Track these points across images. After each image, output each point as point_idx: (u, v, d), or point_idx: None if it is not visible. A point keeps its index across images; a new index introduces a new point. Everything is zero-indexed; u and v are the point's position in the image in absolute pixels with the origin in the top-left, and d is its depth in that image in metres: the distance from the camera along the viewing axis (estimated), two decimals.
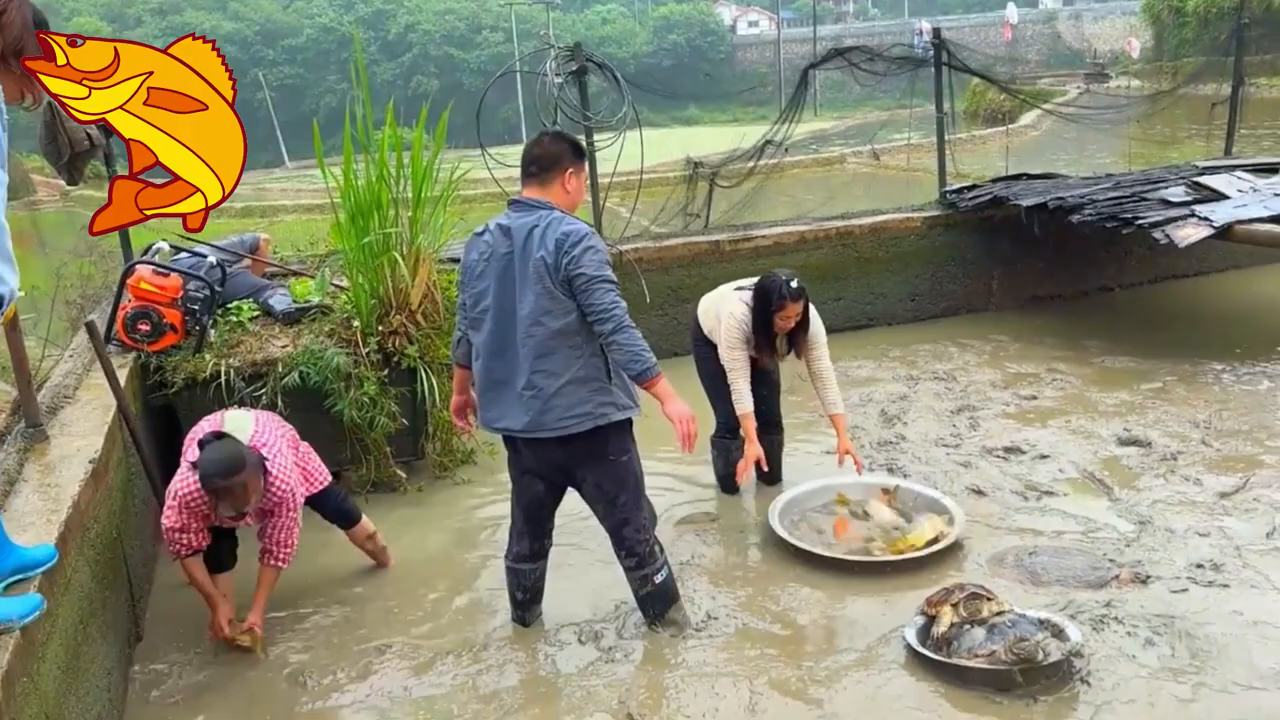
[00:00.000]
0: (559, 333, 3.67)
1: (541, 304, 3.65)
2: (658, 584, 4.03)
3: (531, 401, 3.72)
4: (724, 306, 4.92)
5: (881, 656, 3.86)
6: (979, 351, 7.37)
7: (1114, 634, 3.87)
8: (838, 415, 4.91)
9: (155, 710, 3.86)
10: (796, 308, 4.72)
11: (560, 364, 3.69)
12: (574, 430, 3.73)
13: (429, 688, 3.87)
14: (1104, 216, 6.93)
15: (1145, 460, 5.35)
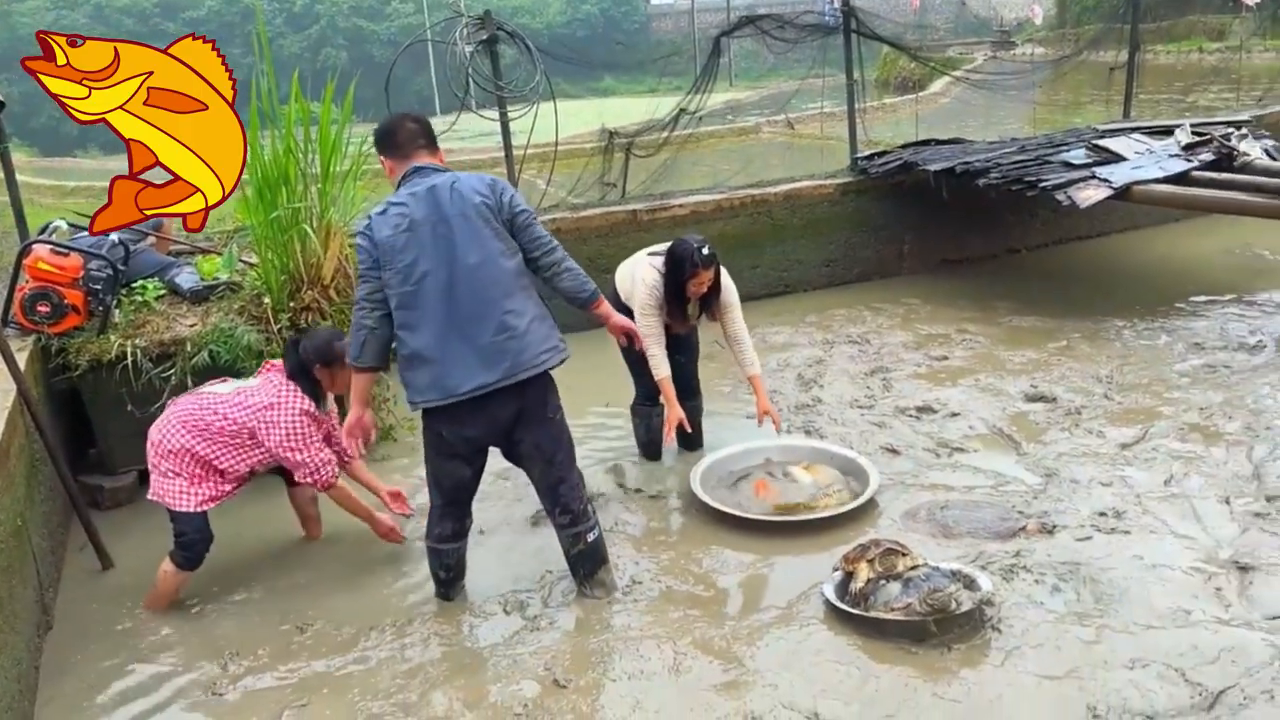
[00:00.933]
0: (515, 273, 3.77)
1: (495, 246, 3.72)
2: (589, 542, 4.06)
3: (508, 343, 3.70)
4: (637, 272, 4.93)
5: (801, 613, 3.94)
6: (892, 315, 7.51)
7: (1023, 582, 4.01)
8: (755, 376, 4.97)
9: (69, 698, 3.78)
10: (708, 274, 4.75)
11: (523, 303, 3.76)
12: (550, 364, 3.80)
13: (352, 665, 3.85)
14: (1009, 180, 7.09)
15: (1051, 415, 5.53)
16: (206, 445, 4.16)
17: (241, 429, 4.19)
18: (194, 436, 4.16)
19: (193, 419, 4.18)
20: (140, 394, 5.14)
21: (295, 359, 4.30)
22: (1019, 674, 3.48)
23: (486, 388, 3.73)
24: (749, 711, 3.37)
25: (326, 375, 4.32)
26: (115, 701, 3.75)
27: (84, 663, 3.99)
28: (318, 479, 4.28)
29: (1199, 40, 20.81)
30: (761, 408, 4.97)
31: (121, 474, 5.36)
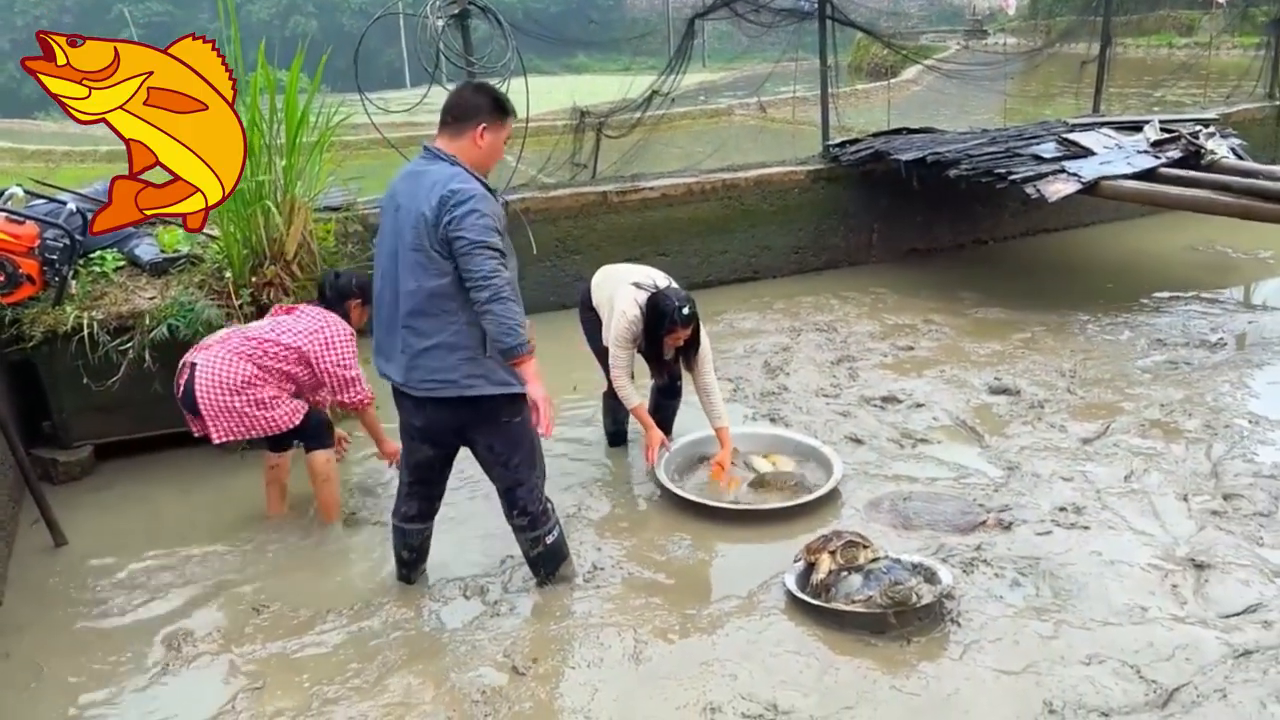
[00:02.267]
0: (431, 294, 3.51)
1: (416, 260, 3.51)
2: (549, 545, 4.01)
3: (401, 357, 3.64)
4: (618, 300, 4.80)
5: (762, 602, 3.94)
6: (859, 303, 7.52)
7: (983, 576, 4.03)
8: (724, 429, 4.86)
9: (12, 677, 3.71)
10: (686, 333, 4.69)
11: (430, 326, 3.54)
12: (436, 394, 3.62)
13: (309, 647, 3.81)
14: (979, 171, 7.11)
15: (1014, 408, 5.56)
16: (257, 369, 4.32)
17: (291, 353, 4.38)
18: (253, 363, 4.32)
19: (245, 349, 4.33)
20: (97, 367, 5.05)
21: (336, 290, 4.61)
22: (977, 668, 3.50)
23: (402, 386, 3.70)
24: (708, 702, 3.36)
25: (358, 310, 4.63)
26: (64, 683, 3.68)
27: (34, 642, 3.92)
28: (363, 396, 4.51)
29: (1169, 35, 20.97)
30: (723, 461, 4.81)
31: (76, 447, 5.26)
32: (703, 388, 4.86)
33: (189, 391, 4.29)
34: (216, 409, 4.28)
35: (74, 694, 3.63)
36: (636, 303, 4.76)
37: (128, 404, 5.18)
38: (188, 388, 4.29)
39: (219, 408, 4.28)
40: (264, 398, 4.31)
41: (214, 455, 4.81)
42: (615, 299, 4.85)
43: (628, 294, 4.80)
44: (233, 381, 4.28)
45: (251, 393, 4.30)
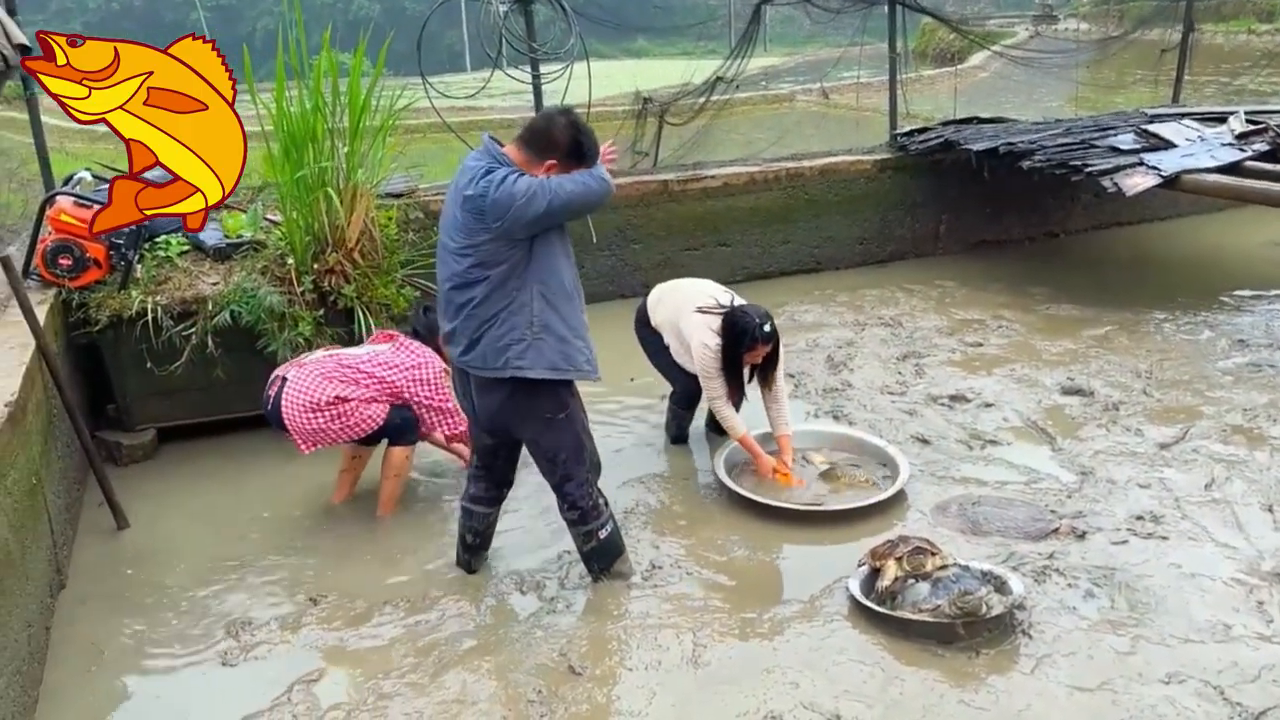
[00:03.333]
0: (485, 278, 3.49)
1: (470, 242, 3.49)
2: (602, 539, 3.95)
3: (462, 337, 3.63)
4: (691, 335, 4.70)
5: (825, 608, 3.84)
6: (925, 297, 7.34)
7: (1055, 586, 3.89)
8: (785, 437, 4.75)
9: (77, 661, 3.73)
10: (766, 349, 4.58)
11: (484, 310, 3.52)
12: (485, 375, 3.62)
13: (366, 640, 3.78)
14: (1054, 163, 6.89)
15: (1088, 410, 5.37)
16: (345, 390, 4.39)
17: (385, 387, 4.44)
18: (341, 382, 4.38)
19: (337, 374, 4.40)
20: (160, 351, 5.07)
21: (427, 328, 4.58)
22: (1049, 683, 3.37)
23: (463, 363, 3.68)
24: (769, 710, 3.27)
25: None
26: (124, 667, 3.70)
27: (95, 624, 3.94)
28: (459, 426, 4.57)
29: (1249, 21, 20.26)
30: (783, 468, 4.70)
31: (139, 431, 5.30)
32: (772, 395, 4.75)
33: (276, 406, 4.37)
34: (299, 427, 4.37)
35: (134, 678, 3.64)
36: (710, 329, 4.65)
37: (190, 388, 5.20)
38: (275, 402, 4.37)
39: (302, 427, 4.37)
40: (347, 411, 4.38)
41: (273, 440, 4.80)
42: (684, 331, 4.78)
43: (698, 323, 4.70)
44: (318, 402, 4.35)
45: (334, 410, 4.36)
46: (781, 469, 4.70)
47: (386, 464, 4.58)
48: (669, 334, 4.93)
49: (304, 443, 4.41)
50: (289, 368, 4.47)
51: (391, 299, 5.50)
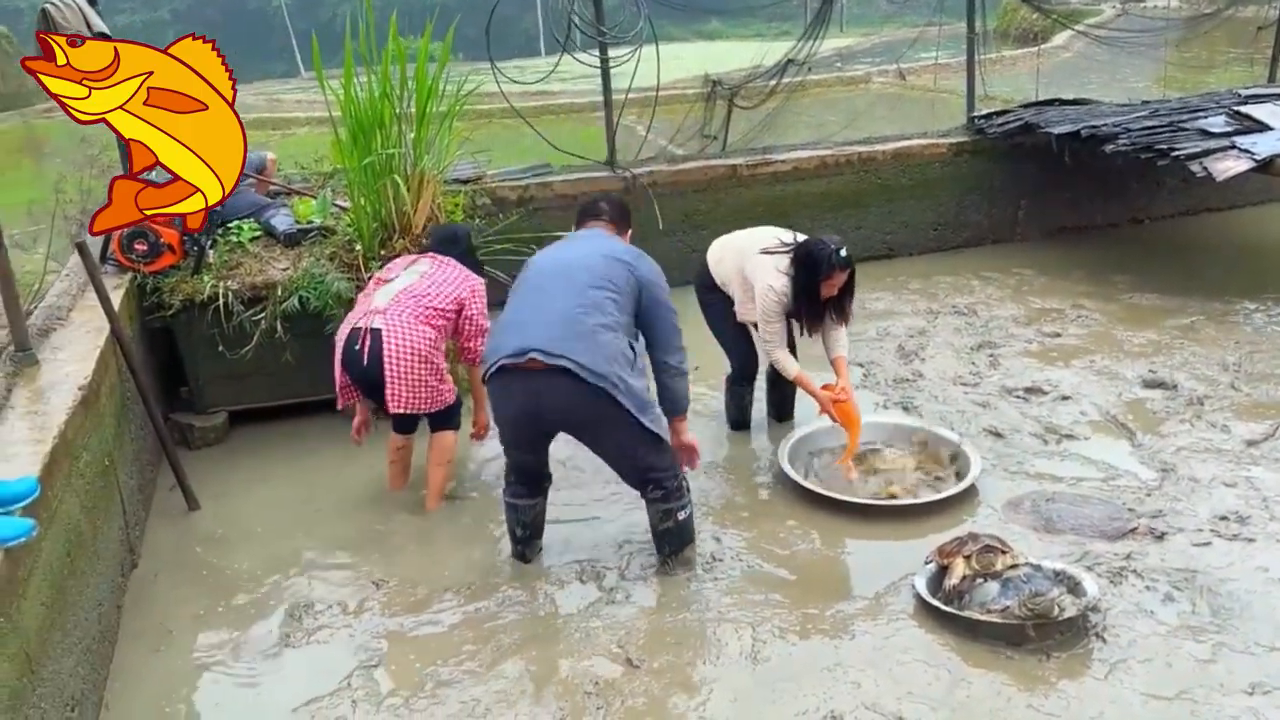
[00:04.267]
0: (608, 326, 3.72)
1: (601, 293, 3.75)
2: (680, 521, 3.95)
3: (546, 331, 3.65)
4: (756, 276, 4.62)
5: (890, 605, 3.75)
6: (1002, 285, 7.14)
7: (1132, 588, 3.75)
8: (841, 358, 4.66)
9: (146, 639, 3.80)
10: (844, 275, 4.49)
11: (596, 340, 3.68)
12: (578, 373, 3.60)
13: (425, 626, 3.79)
14: (1139, 147, 6.63)
15: (1171, 404, 5.17)
16: (436, 333, 4.37)
17: (453, 303, 4.43)
18: (432, 326, 4.35)
19: (420, 312, 4.34)
20: (231, 336, 5.14)
21: (467, 244, 4.78)
22: (1124, 690, 3.24)
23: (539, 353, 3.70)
24: (829, 710, 3.20)
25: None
26: (191, 647, 3.76)
27: (164, 604, 4.02)
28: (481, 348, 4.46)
29: None
30: (840, 388, 4.60)
31: (211, 413, 5.39)
32: (833, 329, 4.67)
33: (375, 357, 4.24)
34: (404, 377, 4.28)
35: (201, 659, 3.70)
36: (778, 271, 4.56)
37: (260, 372, 5.26)
38: (374, 354, 4.24)
39: (408, 377, 4.29)
40: (441, 369, 4.39)
41: (339, 425, 4.84)
42: (749, 274, 4.67)
43: (764, 265, 4.61)
44: (422, 348, 4.29)
45: (436, 361, 4.35)
46: (839, 396, 4.56)
47: (435, 450, 4.57)
48: (735, 286, 4.79)
49: (398, 400, 4.29)
50: (368, 317, 4.31)
51: None
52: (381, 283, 4.52)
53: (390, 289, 4.42)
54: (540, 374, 3.65)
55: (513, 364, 3.68)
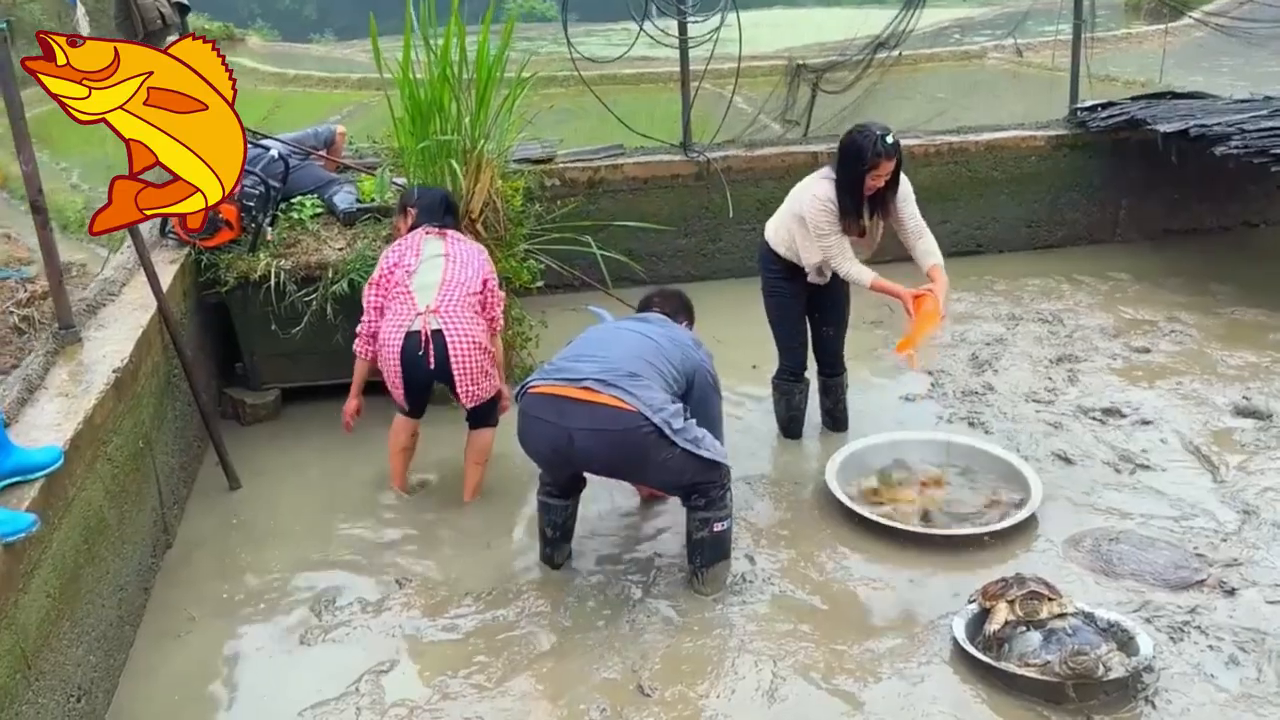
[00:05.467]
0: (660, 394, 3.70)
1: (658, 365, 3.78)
2: (716, 532, 3.81)
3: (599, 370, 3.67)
4: (803, 196, 4.45)
5: (924, 646, 3.53)
6: (1093, 290, 6.73)
7: (1193, 646, 3.45)
8: (936, 266, 4.38)
9: (171, 625, 3.82)
10: (890, 164, 4.21)
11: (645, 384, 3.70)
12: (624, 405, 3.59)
13: (442, 630, 3.72)
14: (1252, 151, 6.12)
15: (1263, 436, 4.78)
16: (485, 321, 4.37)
17: (481, 282, 4.39)
18: (480, 315, 4.34)
19: (467, 301, 4.29)
20: (284, 315, 5.13)
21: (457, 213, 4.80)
22: None
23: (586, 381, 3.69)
24: None
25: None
26: (210, 637, 3.75)
27: (193, 588, 4.03)
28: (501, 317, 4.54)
29: None
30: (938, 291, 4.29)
31: (264, 390, 5.41)
32: (913, 231, 4.42)
33: (442, 358, 4.19)
34: (472, 372, 4.26)
35: (217, 649, 3.69)
36: (823, 179, 4.38)
37: (311, 351, 5.24)
38: (440, 356, 4.19)
39: (476, 371, 4.26)
40: (495, 355, 4.42)
41: (386, 410, 4.76)
42: (799, 208, 4.50)
43: (810, 182, 4.46)
44: (483, 340, 4.28)
45: (492, 349, 4.38)
46: (929, 295, 4.27)
47: (474, 449, 4.49)
48: (794, 232, 4.57)
49: (469, 395, 4.27)
50: (426, 316, 4.20)
51: (514, 272, 5.40)
52: (400, 270, 4.35)
53: (426, 281, 4.29)
54: (585, 404, 3.60)
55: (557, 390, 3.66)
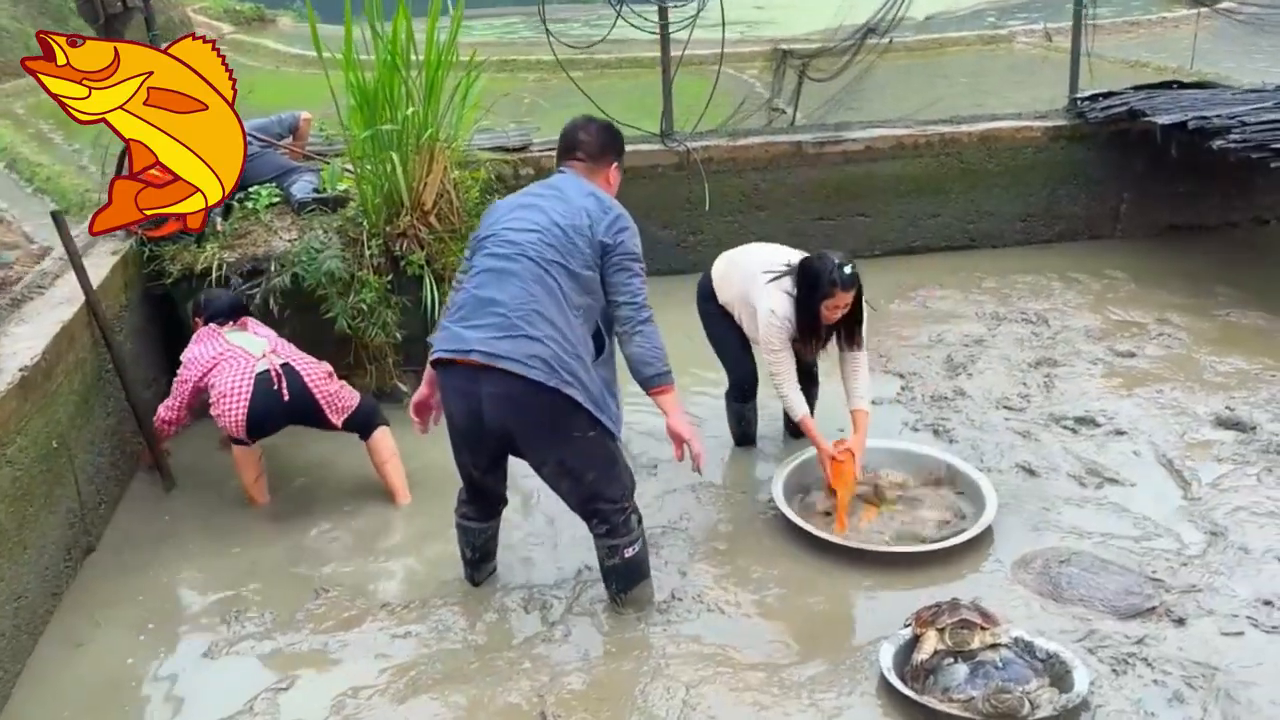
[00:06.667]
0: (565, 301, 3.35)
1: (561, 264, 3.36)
2: (627, 558, 3.58)
3: (494, 330, 3.30)
4: (759, 300, 4.23)
5: (851, 673, 3.33)
6: (1085, 290, 6.45)
7: (1136, 680, 3.24)
8: (862, 412, 4.22)
9: (75, 633, 3.70)
10: (848, 297, 4.04)
11: (549, 325, 3.31)
12: (526, 374, 3.25)
13: (349, 646, 3.57)
14: (1251, 145, 5.82)
15: (1243, 449, 4.52)
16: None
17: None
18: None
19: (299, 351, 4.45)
20: None
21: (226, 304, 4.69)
22: None
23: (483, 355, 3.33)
24: None
25: None
26: (112, 646, 3.63)
27: (105, 594, 3.92)
28: None
29: None
30: (856, 446, 4.14)
31: None
32: (853, 362, 4.24)
33: (298, 389, 4.21)
34: (330, 394, 4.31)
35: (117, 662, 3.56)
36: (782, 291, 4.17)
37: None
38: (295, 387, 4.20)
39: (332, 393, 4.32)
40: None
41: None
42: (752, 299, 4.29)
43: (766, 290, 4.22)
44: (324, 369, 4.36)
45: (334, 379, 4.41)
46: (840, 455, 4.10)
47: (377, 452, 4.39)
48: (739, 309, 4.44)
49: (335, 414, 4.30)
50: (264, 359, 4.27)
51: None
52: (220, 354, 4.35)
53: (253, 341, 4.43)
54: (481, 373, 3.32)
55: (453, 359, 3.38)
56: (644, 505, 4.18)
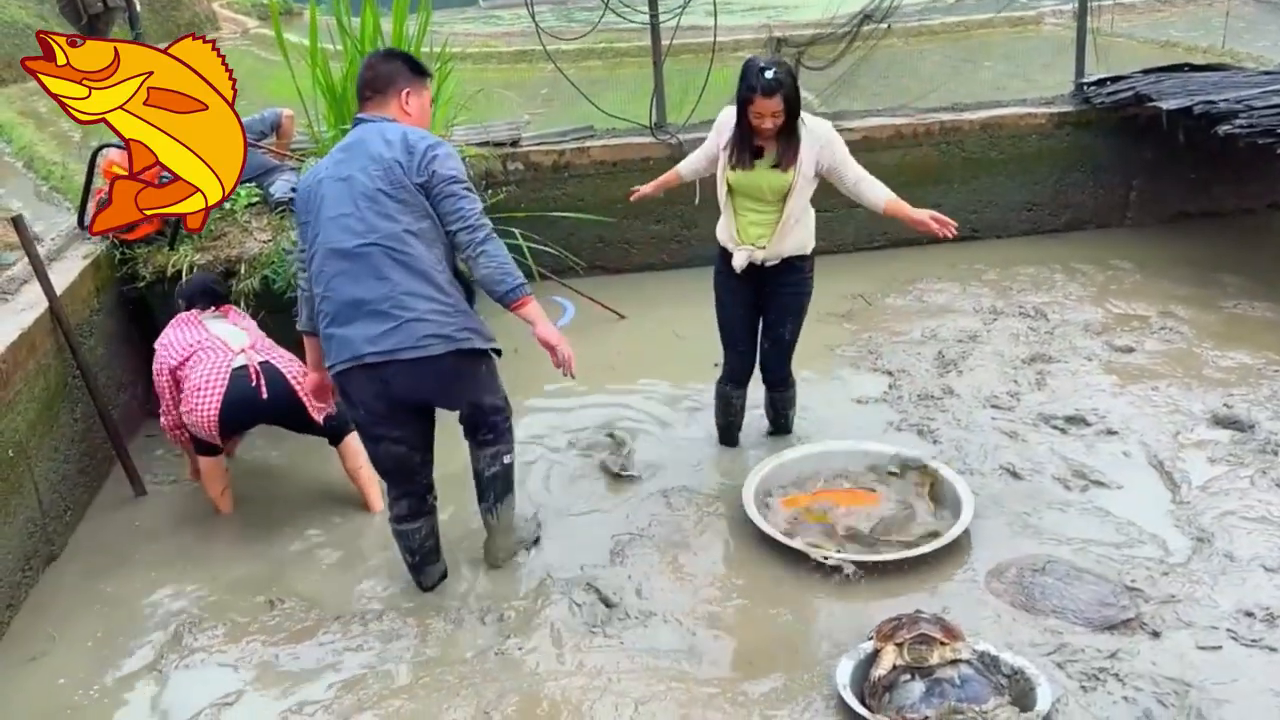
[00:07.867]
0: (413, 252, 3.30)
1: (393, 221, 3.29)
2: (506, 464, 3.73)
3: (378, 327, 3.30)
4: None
5: (808, 690, 3.22)
6: (1089, 281, 6.25)
7: (1105, 697, 3.10)
8: (891, 202, 4.18)
9: (29, 646, 3.65)
10: (771, 104, 3.78)
11: (415, 287, 3.30)
12: (429, 352, 3.32)
13: (299, 660, 3.50)
14: (1258, 130, 5.61)
15: (1238, 449, 4.34)
16: None
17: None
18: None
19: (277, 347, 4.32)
20: None
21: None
22: None
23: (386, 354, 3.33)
24: None
25: None
26: (64, 662, 3.58)
27: (62, 606, 3.88)
28: None
29: None
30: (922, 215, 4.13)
31: None
32: (852, 188, 4.20)
33: (280, 388, 4.09)
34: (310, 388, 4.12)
35: (67, 678, 3.50)
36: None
37: None
38: (276, 385, 4.09)
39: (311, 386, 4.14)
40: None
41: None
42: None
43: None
44: (299, 364, 4.17)
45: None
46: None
47: (350, 458, 4.26)
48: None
49: (317, 409, 4.13)
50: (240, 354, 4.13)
51: None
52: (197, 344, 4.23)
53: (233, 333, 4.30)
54: (383, 366, 3.34)
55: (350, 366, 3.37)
56: (615, 514, 4.15)
